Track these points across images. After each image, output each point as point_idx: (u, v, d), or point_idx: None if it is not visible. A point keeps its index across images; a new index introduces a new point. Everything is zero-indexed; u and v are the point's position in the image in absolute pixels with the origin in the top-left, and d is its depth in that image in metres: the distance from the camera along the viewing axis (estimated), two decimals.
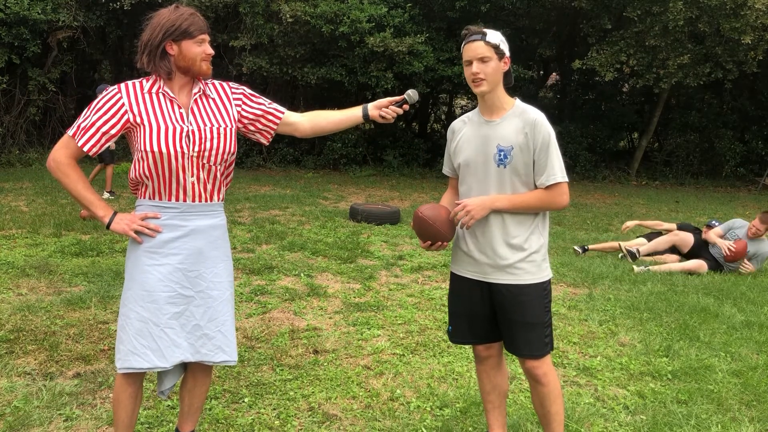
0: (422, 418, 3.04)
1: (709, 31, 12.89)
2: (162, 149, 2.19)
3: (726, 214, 10.71)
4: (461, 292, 2.54)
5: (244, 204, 9.36)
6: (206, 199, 2.30)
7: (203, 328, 2.31)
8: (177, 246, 2.26)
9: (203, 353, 2.31)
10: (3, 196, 9.00)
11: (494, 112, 2.43)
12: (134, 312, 2.24)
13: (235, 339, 2.40)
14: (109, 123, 2.21)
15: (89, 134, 2.20)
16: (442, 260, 6.26)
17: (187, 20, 2.20)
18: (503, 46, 2.35)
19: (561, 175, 2.35)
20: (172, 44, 2.20)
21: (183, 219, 2.27)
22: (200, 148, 2.23)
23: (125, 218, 2.25)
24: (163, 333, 2.24)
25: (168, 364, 2.25)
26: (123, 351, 2.24)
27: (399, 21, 13.08)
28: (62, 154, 2.21)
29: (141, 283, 2.24)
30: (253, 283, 5.17)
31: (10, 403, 2.98)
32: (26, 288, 4.78)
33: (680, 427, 3.04)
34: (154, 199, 2.26)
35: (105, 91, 2.26)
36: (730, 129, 16.72)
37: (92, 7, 13.50)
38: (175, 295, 2.26)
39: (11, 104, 13.52)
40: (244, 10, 12.78)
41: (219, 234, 2.36)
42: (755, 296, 5.42)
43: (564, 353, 3.95)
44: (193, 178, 2.25)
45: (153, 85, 2.25)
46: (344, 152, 14.93)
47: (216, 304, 2.33)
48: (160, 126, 2.20)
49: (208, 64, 2.25)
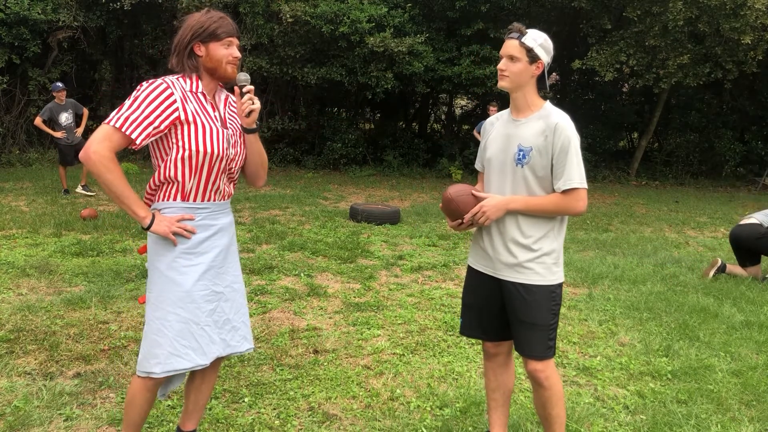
0: (422, 418, 3.04)
1: (708, 31, 12.89)
2: (214, 149, 2.23)
3: (726, 214, 10.71)
4: (474, 285, 2.59)
5: (244, 204, 9.36)
6: (227, 197, 2.40)
7: (232, 321, 2.39)
8: (208, 245, 2.31)
9: (233, 345, 2.39)
10: (3, 196, 9.00)
11: (521, 112, 2.46)
12: (173, 314, 2.24)
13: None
14: (161, 117, 2.17)
15: (142, 126, 2.14)
16: (442, 260, 6.27)
17: (216, 23, 2.23)
18: (538, 51, 2.35)
19: (579, 181, 2.37)
20: (200, 45, 2.23)
21: (213, 218, 2.34)
22: (236, 151, 2.33)
23: (165, 220, 2.23)
24: (203, 331, 2.29)
25: (207, 361, 2.30)
26: (162, 355, 2.24)
27: (399, 21, 13.09)
28: (105, 146, 2.11)
29: (179, 284, 2.25)
30: (253, 283, 5.17)
31: (10, 403, 2.98)
32: (26, 288, 4.78)
33: (680, 427, 3.04)
34: (187, 201, 2.27)
35: (149, 84, 2.19)
36: (730, 129, 16.72)
37: (92, 7, 13.50)
38: (209, 293, 2.31)
39: (11, 104, 13.52)
40: (244, 10, 12.78)
41: (233, 229, 2.47)
42: (755, 296, 5.43)
43: (564, 353, 3.95)
44: (225, 179, 2.33)
45: (192, 85, 2.27)
46: (344, 152, 14.93)
47: (238, 297, 2.43)
48: (208, 126, 2.24)
49: (233, 67, 2.27)
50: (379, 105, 17.63)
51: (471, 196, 2.47)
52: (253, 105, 2.27)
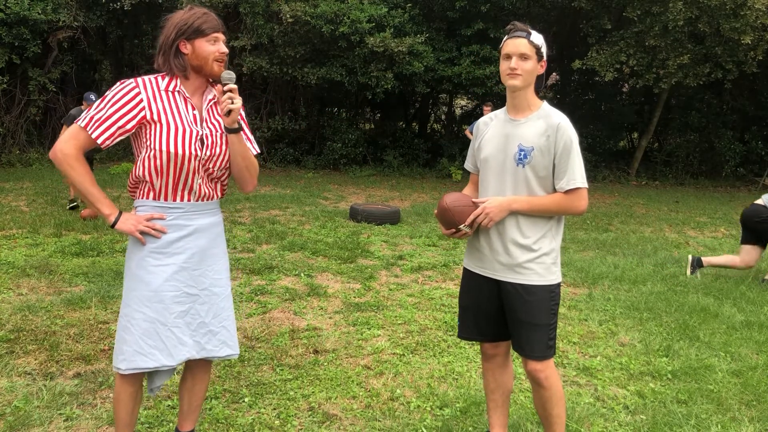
0: (422, 418, 3.04)
1: (709, 31, 12.89)
2: (177, 150, 2.18)
3: (726, 214, 10.71)
4: (471, 287, 2.57)
5: (244, 204, 9.36)
6: (208, 198, 2.32)
7: (208, 324, 2.33)
8: (181, 245, 2.27)
9: (208, 349, 2.34)
10: (3, 196, 9.00)
11: (520, 112, 2.45)
12: (140, 313, 2.23)
13: (236, 332, 2.44)
14: (126, 117, 2.17)
15: (104, 126, 2.15)
16: (442, 260, 6.27)
17: (200, 18, 2.19)
18: (544, 50, 2.39)
19: (581, 180, 2.38)
20: (186, 43, 2.20)
21: (187, 219, 2.28)
22: (211, 153, 2.25)
23: (131, 218, 2.22)
24: (170, 332, 2.25)
25: (175, 363, 2.26)
26: (128, 352, 2.23)
27: (399, 21, 13.09)
28: (70, 145, 2.15)
29: (147, 283, 2.23)
30: (253, 283, 5.17)
31: (11, 403, 2.98)
32: (26, 288, 4.78)
33: (680, 427, 3.04)
34: (158, 200, 2.25)
35: (119, 84, 2.21)
36: (730, 129, 16.71)
37: (92, 7, 13.51)
38: (180, 294, 2.27)
39: (11, 104, 13.52)
40: (244, 10, 12.79)
41: (219, 231, 2.39)
42: (755, 296, 5.43)
43: (564, 353, 3.95)
44: (200, 180, 2.26)
45: (170, 83, 2.23)
46: (344, 152, 14.93)
47: (219, 301, 2.36)
48: (177, 126, 2.19)
49: (220, 64, 2.22)
50: (379, 105, 17.62)
51: (468, 206, 2.44)
52: (232, 104, 2.17)
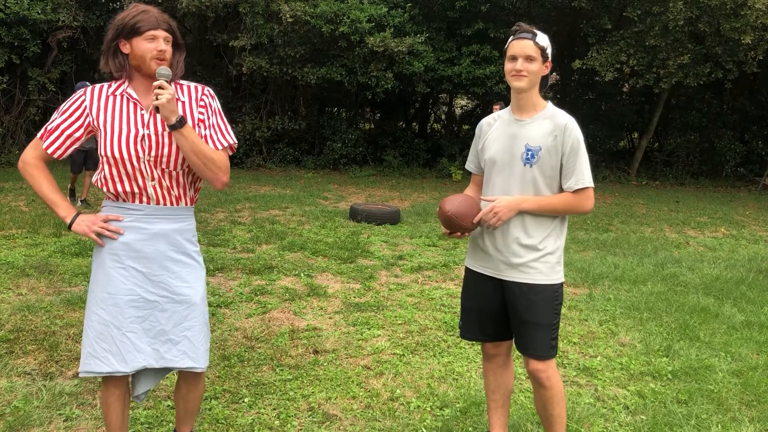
0: (422, 418, 3.04)
1: (709, 31, 12.89)
2: (116, 153, 2.14)
3: (726, 214, 10.71)
4: (473, 287, 2.57)
5: (244, 204, 9.36)
6: (171, 203, 2.23)
7: (168, 333, 2.24)
8: (140, 249, 2.21)
9: (168, 359, 2.24)
10: (3, 196, 9.00)
11: (525, 112, 2.45)
12: (95, 314, 2.19)
13: (205, 345, 2.30)
14: (74, 126, 2.19)
15: (54, 136, 2.19)
16: (442, 260, 6.26)
17: (136, 17, 2.11)
18: (549, 51, 2.40)
19: (589, 180, 2.39)
20: (125, 42, 2.15)
21: (147, 222, 2.21)
22: (157, 153, 2.16)
23: (87, 219, 2.21)
24: (124, 337, 2.18)
25: (129, 369, 2.19)
26: (84, 354, 2.19)
27: (399, 21, 13.09)
28: (29, 155, 2.23)
29: (104, 285, 2.20)
30: (253, 283, 5.17)
31: (10, 403, 2.97)
32: (26, 288, 4.78)
33: (680, 427, 3.04)
34: (118, 201, 2.23)
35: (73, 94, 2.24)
36: (730, 129, 16.72)
37: (92, 7, 13.51)
38: (137, 298, 2.20)
39: (11, 104, 13.52)
40: (244, 10, 12.79)
41: (186, 238, 2.28)
42: (755, 296, 5.42)
43: (564, 353, 3.95)
44: (154, 182, 2.18)
45: (118, 87, 2.21)
46: (344, 152, 14.93)
47: (181, 309, 2.25)
48: (116, 130, 2.15)
49: (158, 62, 2.13)
50: (379, 105, 17.63)
51: (471, 208, 2.41)
52: (156, 101, 2.05)
